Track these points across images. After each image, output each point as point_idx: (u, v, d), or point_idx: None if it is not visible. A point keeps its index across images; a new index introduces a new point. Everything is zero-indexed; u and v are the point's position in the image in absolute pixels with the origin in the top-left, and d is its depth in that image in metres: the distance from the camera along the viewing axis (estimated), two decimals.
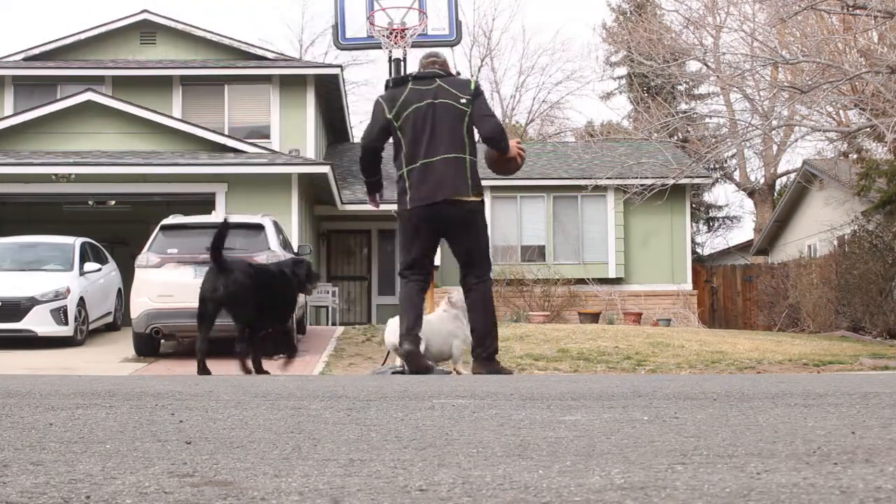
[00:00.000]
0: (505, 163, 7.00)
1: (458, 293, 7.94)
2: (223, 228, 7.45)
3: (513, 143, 6.90)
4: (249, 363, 7.78)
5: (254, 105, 21.04)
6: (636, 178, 19.99)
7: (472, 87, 6.67)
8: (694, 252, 23.78)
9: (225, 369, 11.15)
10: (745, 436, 2.38)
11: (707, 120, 28.52)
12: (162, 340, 13.00)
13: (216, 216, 16.14)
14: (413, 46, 9.50)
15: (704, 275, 24.73)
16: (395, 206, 6.69)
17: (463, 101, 6.52)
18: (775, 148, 32.21)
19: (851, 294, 18.80)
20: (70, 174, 17.42)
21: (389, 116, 6.56)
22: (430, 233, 6.72)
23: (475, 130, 6.66)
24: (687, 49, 19.38)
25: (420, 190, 6.53)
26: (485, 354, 6.60)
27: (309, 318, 17.69)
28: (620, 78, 38.55)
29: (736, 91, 20.43)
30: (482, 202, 6.88)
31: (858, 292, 18.46)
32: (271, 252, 12.68)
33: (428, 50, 7.59)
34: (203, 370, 7.46)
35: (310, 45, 43.44)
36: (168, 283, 12.36)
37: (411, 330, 6.66)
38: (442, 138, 6.49)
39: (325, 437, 2.39)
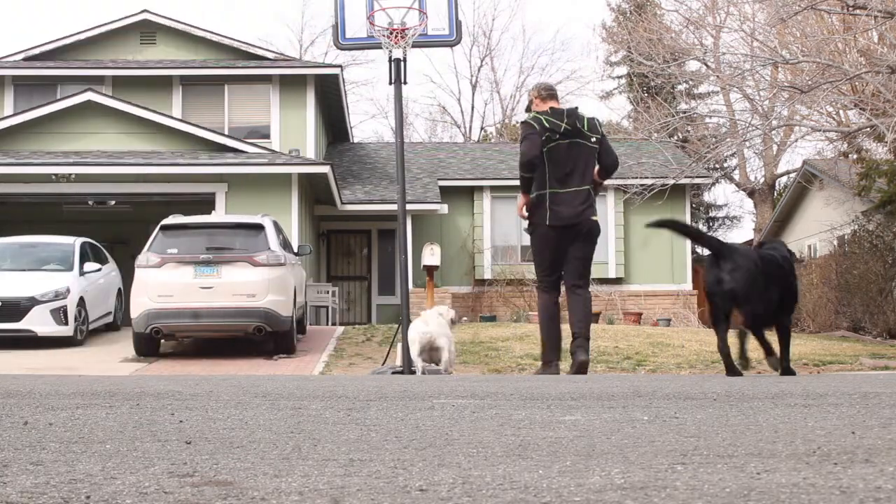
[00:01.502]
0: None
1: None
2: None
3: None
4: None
5: (254, 105, 21.04)
6: (636, 178, 20.00)
7: (592, 123, 7.31)
8: (694, 252, 23.75)
9: (224, 369, 11.17)
10: (745, 436, 2.38)
11: (707, 120, 28.51)
12: (162, 340, 13.00)
13: (216, 216, 16.15)
14: (413, 46, 9.49)
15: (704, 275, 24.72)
16: (394, 206, 6.70)
17: (593, 139, 7.24)
18: (775, 148, 32.20)
19: (851, 294, 18.80)
20: (70, 174, 17.42)
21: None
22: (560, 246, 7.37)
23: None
24: (687, 49, 19.38)
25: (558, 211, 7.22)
26: (586, 345, 7.12)
27: (309, 318, 17.69)
28: (620, 78, 38.55)
29: (736, 91, 20.43)
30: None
31: (858, 292, 18.47)
32: (271, 252, 12.67)
33: (543, 82, 8.53)
34: (733, 371, 6.13)
35: (310, 45, 43.44)
36: (168, 283, 12.36)
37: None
38: (577, 171, 7.23)
39: (325, 437, 2.39)
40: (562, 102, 7.79)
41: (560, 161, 7.14)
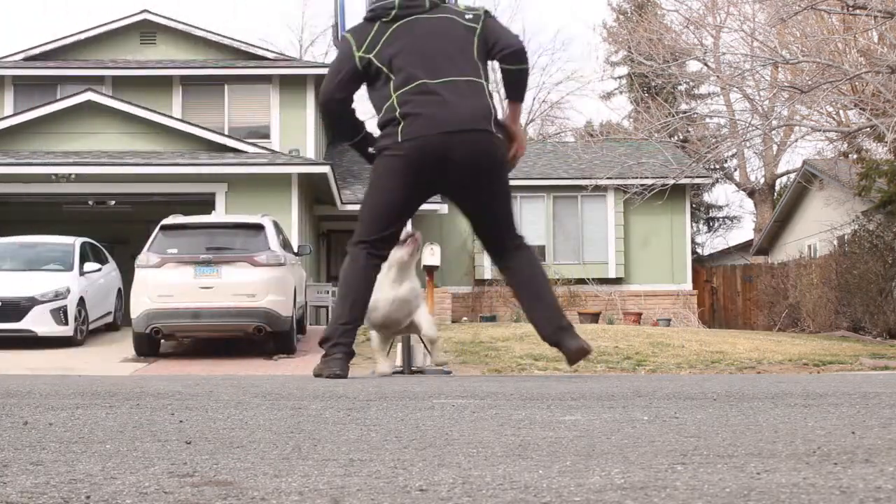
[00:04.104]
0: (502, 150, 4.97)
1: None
2: None
3: (521, 133, 5.23)
4: None
5: (254, 105, 21.04)
6: (636, 178, 20.01)
7: (475, 9, 4.94)
8: (694, 252, 23.79)
9: (224, 369, 11.17)
10: (745, 436, 2.38)
11: (707, 120, 28.53)
12: (162, 340, 13.00)
13: (216, 216, 16.15)
14: None
15: (704, 275, 24.74)
16: None
17: (469, 16, 4.84)
18: (775, 148, 32.21)
19: (851, 294, 18.80)
20: (70, 174, 17.42)
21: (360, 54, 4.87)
22: (424, 184, 4.90)
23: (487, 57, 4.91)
24: (687, 49, 19.39)
25: (418, 119, 4.71)
26: (567, 325, 5.17)
27: (309, 318, 17.68)
28: (620, 78, 38.57)
29: (736, 91, 20.43)
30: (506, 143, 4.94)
31: (858, 292, 18.47)
32: (271, 252, 12.67)
33: None
34: None
35: (310, 45, 43.48)
36: (168, 283, 12.36)
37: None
38: (446, 57, 4.78)
39: (325, 437, 2.39)
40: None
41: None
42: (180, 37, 22.13)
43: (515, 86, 5.01)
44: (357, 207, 6.01)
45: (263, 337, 12.68)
